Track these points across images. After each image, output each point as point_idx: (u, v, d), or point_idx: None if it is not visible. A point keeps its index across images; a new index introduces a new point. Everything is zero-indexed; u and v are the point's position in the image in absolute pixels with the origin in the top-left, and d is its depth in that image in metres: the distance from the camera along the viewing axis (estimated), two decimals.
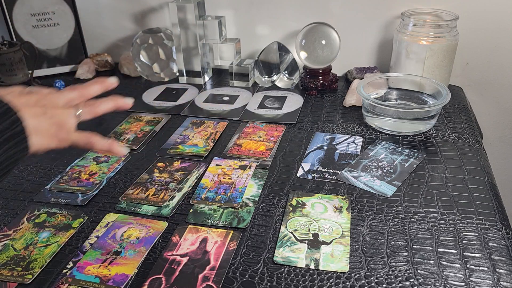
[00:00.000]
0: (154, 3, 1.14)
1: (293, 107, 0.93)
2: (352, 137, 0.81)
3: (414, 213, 0.62)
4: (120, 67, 1.15)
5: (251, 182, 0.70)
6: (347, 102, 0.93)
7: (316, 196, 0.66)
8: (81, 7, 1.14)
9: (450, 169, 0.71)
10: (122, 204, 0.66)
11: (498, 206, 0.62)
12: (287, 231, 0.59)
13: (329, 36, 0.97)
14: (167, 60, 1.07)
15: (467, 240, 0.57)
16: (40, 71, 1.13)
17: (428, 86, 0.88)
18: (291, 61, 1.01)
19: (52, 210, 0.65)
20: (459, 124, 0.85)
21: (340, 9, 1.04)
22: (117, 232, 0.60)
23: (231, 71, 1.05)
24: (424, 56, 0.91)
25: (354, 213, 0.62)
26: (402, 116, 0.80)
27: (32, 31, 1.10)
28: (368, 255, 0.55)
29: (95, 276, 0.53)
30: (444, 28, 0.90)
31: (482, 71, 1.03)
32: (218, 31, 1.03)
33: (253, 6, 1.08)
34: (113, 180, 0.72)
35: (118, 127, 0.88)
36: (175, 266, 0.54)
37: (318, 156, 0.76)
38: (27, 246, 0.58)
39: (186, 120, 0.90)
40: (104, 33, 1.21)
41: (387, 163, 0.73)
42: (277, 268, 0.54)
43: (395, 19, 1.02)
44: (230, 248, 0.57)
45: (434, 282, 0.51)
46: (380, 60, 1.08)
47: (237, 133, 0.84)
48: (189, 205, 0.65)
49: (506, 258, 0.54)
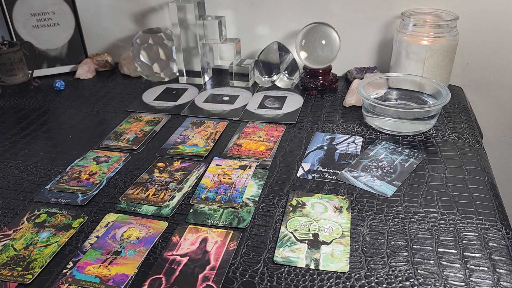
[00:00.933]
0: (154, 3, 1.14)
1: (293, 107, 0.93)
2: (352, 137, 0.81)
3: (414, 213, 0.62)
4: (120, 67, 1.15)
5: (251, 182, 0.70)
6: (347, 102, 0.93)
7: (316, 196, 0.66)
8: (81, 7, 1.14)
9: (450, 169, 0.71)
10: (122, 204, 0.66)
11: (498, 206, 0.62)
12: (287, 231, 0.59)
13: (329, 36, 0.97)
14: (167, 60, 1.07)
15: (467, 240, 0.57)
16: (40, 71, 1.13)
17: (428, 86, 0.88)
18: (291, 61, 1.01)
19: (52, 210, 0.65)
20: (459, 124, 0.85)
21: (340, 9, 1.04)
22: (117, 232, 0.60)
23: (231, 71, 1.05)
24: (424, 56, 0.91)
25: (354, 213, 0.62)
26: (402, 116, 0.80)
27: (32, 31, 1.10)
28: (368, 255, 0.55)
29: (95, 276, 0.53)
30: (444, 28, 0.90)
31: (482, 71, 1.03)
32: (218, 31, 1.03)
33: (253, 6, 1.08)
34: (113, 180, 0.72)
35: (118, 127, 0.88)
36: (175, 266, 0.54)
37: (318, 156, 0.76)
38: (27, 246, 0.58)
39: (186, 120, 0.90)
40: (104, 33, 1.21)
41: (387, 163, 0.73)
42: (277, 268, 0.54)
43: (395, 19, 1.02)
44: (230, 248, 0.57)
45: (434, 282, 0.51)
46: (380, 60, 1.08)
47: (237, 133, 0.84)
48: (189, 205, 0.65)
49: (506, 258, 0.54)
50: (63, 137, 0.86)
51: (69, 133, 0.87)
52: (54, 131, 0.88)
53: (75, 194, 0.68)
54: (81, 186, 0.70)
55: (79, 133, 0.87)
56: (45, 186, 0.71)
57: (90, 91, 1.06)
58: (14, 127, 0.90)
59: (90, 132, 0.87)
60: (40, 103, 1.00)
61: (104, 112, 0.96)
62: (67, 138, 0.85)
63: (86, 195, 0.68)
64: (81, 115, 0.95)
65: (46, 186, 0.71)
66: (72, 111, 0.97)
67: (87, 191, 0.69)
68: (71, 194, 0.68)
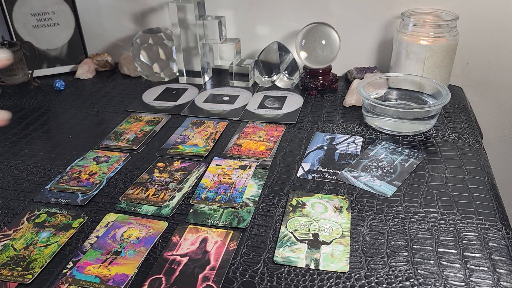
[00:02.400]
0: (154, 3, 1.14)
1: (293, 107, 0.93)
2: (352, 137, 0.81)
3: (414, 213, 0.62)
4: (120, 67, 1.15)
5: (251, 182, 0.70)
6: (347, 102, 0.93)
7: (316, 196, 0.66)
8: (81, 7, 1.14)
9: (450, 169, 0.71)
10: (122, 204, 0.66)
11: (498, 206, 0.62)
12: (287, 231, 0.59)
13: (329, 36, 0.97)
14: (167, 60, 1.07)
15: (467, 240, 0.57)
16: (40, 71, 1.13)
17: (428, 86, 0.88)
18: (291, 61, 1.01)
19: (52, 210, 0.65)
20: (459, 124, 0.85)
21: (340, 9, 1.04)
22: (117, 232, 0.60)
23: (231, 71, 1.05)
24: (424, 56, 0.91)
25: (354, 213, 0.62)
26: (402, 116, 0.80)
27: (32, 31, 1.10)
28: (368, 255, 0.55)
29: (95, 276, 0.53)
30: (444, 28, 0.90)
31: (482, 71, 1.03)
32: (218, 31, 1.03)
33: (253, 6, 1.08)
34: (113, 180, 0.72)
35: (118, 127, 0.88)
36: (175, 266, 0.54)
37: (318, 156, 0.76)
38: (27, 246, 0.58)
39: (186, 120, 0.90)
40: (104, 33, 1.21)
41: (387, 163, 0.73)
42: (277, 268, 0.54)
43: (395, 19, 1.02)
44: (230, 248, 0.57)
45: (434, 282, 0.51)
46: (380, 60, 1.08)
47: (237, 133, 0.84)
48: (189, 205, 0.65)
49: (506, 258, 0.54)
50: (63, 137, 0.86)
51: (69, 133, 0.87)
52: (54, 131, 0.88)
53: (75, 194, 0.68)
54: (81, 186, 0.70)
55: (79, 133, 0.87)
56: (45, 186, 0.71)
57: (90, 91, 1.06)
58: (14, 127, 0.90)
59: (90, 132, 0.87)
60: (40, 103, 1.00)
61: (104, 112, 0.96)
62: (67, 138, 0.85)
63: (86, 195, 0.68)
64: (81, 115, 0.95)
65: (46, 186, 0.71)
66: (72, 111, 0.97)
67: (87, 191, 0.69)
68: (71, 194, 0.68)
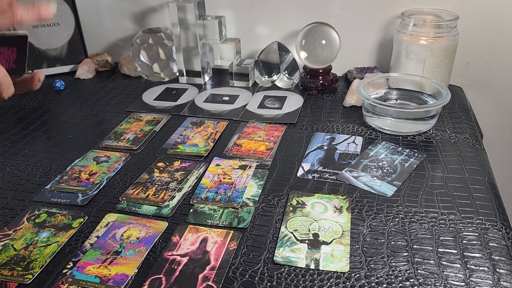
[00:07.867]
0: (154, 3, 1.14)
1: (293, 107, 0.93)
2: (352, 137, 0.81)
3: (414, 213, 0.62)
4: (120, 67, 1.15)
5: (251, 182, 0.70)
6: (347, 102, 0.93)
7: (316, 196, 0.66)
8: (81, 7, 1.14)
9: (450, 169, 0.71)
10: (122, 204, 0.66)
11: (498, 206, 0.62)
12: (287, 231, 0.59)
13: (329, 36, 0.97)
14: (167, 60, 1.07)
15: (467, 240, 0.57)
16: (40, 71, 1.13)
17: (428, 86, 0.88)
18: (291, 61, 1.01)
19: (52, 210, 0.65)
20: (459, 124, 0.85)
21: (340, 9, 1.04)
22: (117, 232, 0.60)
23: (231, 71, 1.05)
24: (424, 56, 0.91)
25: (354, 213, 0.62)
26: (402, 116, 0.80)
27: (32, 31, 1.10)
28: (368, 255, 0.55)
29: (95, 276, 0.53)
30: (444, 28, 0.90)
31: (482, 71, 1.03)
32: (218, 31, 1.03)
33: (253, 6, 1.08)
34: (113, 180, 0.72)
35: (118, 127, 0.88)
36: (175, 266, 0.54)
37: (318, 156, 0.76)
38: (27, 246, 0.58)
39: (186, 120, 0.90)
40: (104, 33, 1.21)
41: (387, 163, 0.73)
42: (277, 268, 0.54)
43: (395, 19, 1.02)
44: (230, 248, 0.57)
45: (434, 282, 0.51)
46: (380, 60, 1.08)
47: (237, 133, 0.84)
48: (189, 205, 0.65)
49: (506, 258, 0.53)
50: (63, 137, 0.86)
51: (69, 133, 0.87)
52: (54, 131, 0.88)
53: (75, 194, 0.68)
54: (81, 186, 0.70)
55: (79, 133, 0.87)
56: (45, 186, 0.71)
57: (90, 91, 1.06)
58: (14, 127, 0.90)
59: (90, 132, 0.87)
60: (40, 103, 1.00)
61: (104, 112, 0.96)
62: (67, 138, 0.85)
63: (86, 195, 0.68)
64: (81, 115, 0.95)
65: (46, 186, 0.71)
66: (72, 111, 0.97)
67: (87, 191, 0.69)
68: (71, 194, 0.68)
